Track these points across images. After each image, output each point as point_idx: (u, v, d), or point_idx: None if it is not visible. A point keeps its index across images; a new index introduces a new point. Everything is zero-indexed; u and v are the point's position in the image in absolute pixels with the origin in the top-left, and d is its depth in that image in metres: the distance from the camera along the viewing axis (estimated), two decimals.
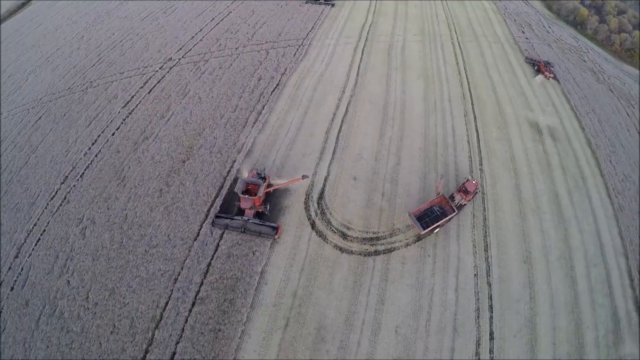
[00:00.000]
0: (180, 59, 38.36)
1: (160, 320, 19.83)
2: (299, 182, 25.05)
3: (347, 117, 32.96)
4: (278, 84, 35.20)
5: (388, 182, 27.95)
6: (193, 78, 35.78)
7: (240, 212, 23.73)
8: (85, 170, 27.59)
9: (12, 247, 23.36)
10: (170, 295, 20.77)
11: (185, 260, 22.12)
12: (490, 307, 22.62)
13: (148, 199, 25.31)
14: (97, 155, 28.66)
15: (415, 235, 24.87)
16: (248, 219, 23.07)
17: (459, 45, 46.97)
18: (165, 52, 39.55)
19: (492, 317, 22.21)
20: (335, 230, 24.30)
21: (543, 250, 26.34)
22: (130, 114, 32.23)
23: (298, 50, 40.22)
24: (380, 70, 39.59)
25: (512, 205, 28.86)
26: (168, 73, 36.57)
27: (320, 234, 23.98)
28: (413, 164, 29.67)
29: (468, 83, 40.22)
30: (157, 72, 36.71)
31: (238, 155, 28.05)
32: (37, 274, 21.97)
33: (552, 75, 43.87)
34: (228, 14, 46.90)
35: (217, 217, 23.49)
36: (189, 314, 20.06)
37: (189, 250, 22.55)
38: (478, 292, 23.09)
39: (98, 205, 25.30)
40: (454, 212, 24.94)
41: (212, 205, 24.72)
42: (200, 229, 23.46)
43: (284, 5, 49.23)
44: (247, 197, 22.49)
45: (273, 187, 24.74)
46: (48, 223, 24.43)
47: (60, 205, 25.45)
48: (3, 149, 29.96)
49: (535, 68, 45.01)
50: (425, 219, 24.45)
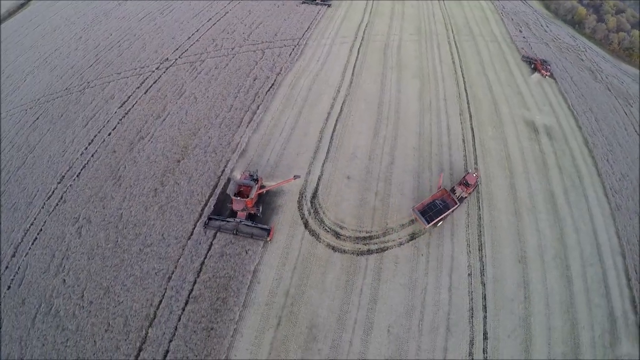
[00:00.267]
0: (177, 59, 38.54)
1: (154, 319, 19.99)
2: (292, 182, 25.15)
3: (341, 116, 33.01)
4: (273, 84, 35.32)
5: (382, 181, 27.94)
6: (189, 78, 35.94)
7: (233, 213, 23.70)
8: (82, 170, 27.82)
9: (9, 246, 23.60)
10: (164, 294, 20.93)
11: (179, 259, 22.28)
12: (484, 306, 22.46)
13: (143, 199, 25.50)
14: (93, 155, 28.88)
15: (409, 235, 24.89)
16: (240, 221, 23.06)
17: (456, 45, 46.86)
18: (162, 52, 39.75)
19: (485, 317, 22.06)
20: (328, 230, 24.35)
21: (538, 250, 26.14)
22: (127, 114, 32.44)
23: (294, 50, 40.31)
24: (376, 70, 39.59)
25: (507, 204, 28.70)
26: (164, 73, 36.76)
27: (313, 233, 24.05)
28: (407, 163, 29.65)
29: (464, 82, 40.13)
30: (153, 72, 36.90)
31: (232, 155, 28.19)
32: (33, 273, 22.19)
33: (548, 74, 43.75)
34: (225, 14, 47.06)
35: (209, 219, 23.54)
36: (182, 313, 20.20)
37: (183, 249, 22.70)
38: (472, 291, 22.96)
39: (94, 205, 25.50)
40: (456, 204, 25.16)
41: (206, 205, 24.87)
42: (194, 228, 23.62)
43: (281, 6, 49.35)
44: (239, 199, 22.52)
45: (265, 188, 24.78)
46: (45, 222, 24.65)
47: (57, 205, 25.67)
48: (1, 149, 30.21)
49: (532, 66, 44.89)
50: (429, 213, 24.62)
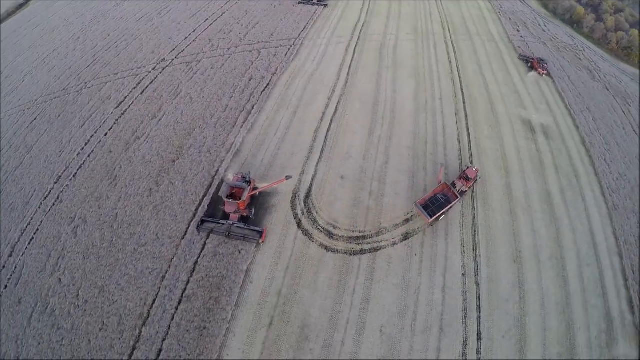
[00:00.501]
0: (174, 60, 38.68)
1: (148, 318, 20.14)
2: (284, 182, 25.17)
3: (336, 116, 33.01)
4: (268, 84, 35.36)
5: (376, 181, 27.94)
6: (185, 78, 36.08)
7: (226, 216, 23.68)
8: (78, 170, 28.02)
9: (6, 245, 23.83)
10: (158, 293, 21.07)
11: (173, 259, 22.41)
12: (478, 307, 22.37)
13: (138, 198, 25.66)
14: (89, 156, 29.08)
15: (402, 235, 24.89)
16: (233, 223, 23.05)
17: (452, 44, 46.68)
18: (159, 52, 39.90)
19: (480, 317, 21.96)
20: (321, 229, 24.38)
21: (534, 250, 26.00)
22: (123, 115, 32.62)
23: (290, 50, 40.34)
24: (372, 69, 39.52)
25: (502, 204, 28.59)
26: (161, 74, 36.91)
27: (306, 233, 24.10)
28: (402, 163, 29.62)
29: (460, 81, 40.00)
30: (150, 72, 37.06)
31: (227, 155, 28.28)
32: (29, 272, 22.40)
33: (545, 72, 43.60)
34: (222, 15, 47.15)
35: (202, 221, 23.53)
36: (176, 312, 20.34)
37: (177, 249, 22.84)
38: (466, 291, 22.86)
39: (90, 205, 25.69)
40: (457, 198, 25.48)
41: (200, 204, 25.00)
42: (188, 228, 23.74)
43: (277, 6, 49.36)
44: (231, 201, 22.52)
45: (258, 189, 24.78)
46: (41, 222, 24.86)
47: (54, 205, 25.88)
48: (0, 150, 30.44)
49: (529, 65, 44.76)
50: (431, 208, 24.95)
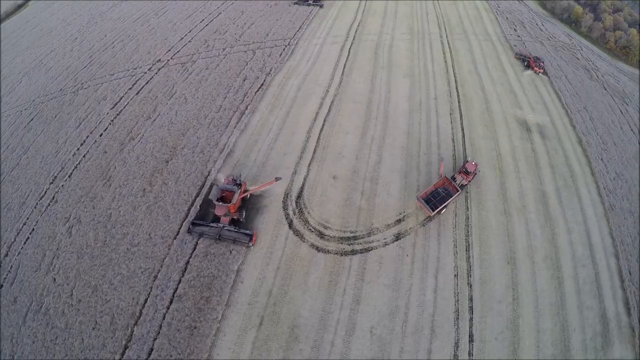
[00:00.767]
0: (169, 60, 38.83)
1: (140, 317, 20.31)
2: (274, 183, 25.20)
3: (329, 116, 32.98)
4: (262, 84, 35.40)
5: (368, 181, 27.93)
6: (180, 79, 36.23)
7: (216, 218, 23.65)
8: (74, 171, 28.24)
9: (2, 245, 24.09)
10: (150, 293, 21.23)
11: (165, 259, 22.56)
12: (471, 308, 22.23)
13: (132, 199, 25.86)
14: (85, 156, 29.28)
15: (394, 235, 24.91)
16: (223, 226, 23.02)
17: (448, 44, 46.49)
18: (155, 53, 40.06)
19: (472, 318, 21.83)
20: (313, 230, 24.42)
21: (528, 251, 25.81)
22: (118, 115, 32.82)
23: (284, 50, 40.36)
24: (366, 69, 39.46)
25: (496, 204, 28.45)
26: (156, 74, 37.07)
27: (297, 233, 24.14)
28: (394, 163, 29.58)
29: (455, 81, 39.85)
30: (145, 73, 37.23)
31: (219, 155, 28.36)
32: (25, 272, 22.64)
33: (541, 71, 43.42)
34: (218, 15, 47.23)
35: (193, 224, 23.53)
36: (167, 311, 20.48)
37: (169, 249, 23.00)
38: (458, 293, 22.74)
39: (84, 205, 25.92)
40: (458, 191, 25.80)
41: (192, 205, 25.15)
42: (180, 228, 23.87)
43: (274, 6, 49.41)
44: (221, 204, 22.48)
45: (248, 192, 24.74)
46: (37, 222, 25.09)
47: (49, 205, 26.11)
48: (0, 150, 30.64)
49: (525, 64, 44.60)
50: (433, 201, 25.26)
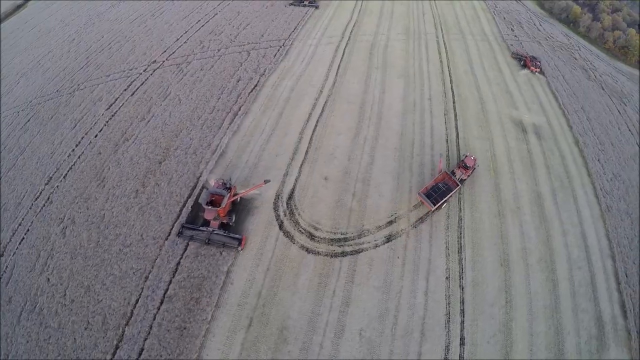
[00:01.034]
0: (164, 62, 38.96)
1: (131, 317, 20.48)
2: (263, 186, 25.18)
3: (322, 117, 32.96)
4: (256, 85, 35.45)
5: (360, 182, 27.89)
6: (175, 80, 36.35)
7: (206, 222, 23.63)
8: (69, 172, 28.46)
9: None
10: (141, 293, 21.40)
11: (156, 259, 22.71)
12: (462, 311, 22.03)
13: (124, 199, 26.04)
14: (79, 157, 29.51)
15: (385, 237, 24.81)
16: (213, 230, 23.04)
17: (444, 44, 46.28)
18: (151, 54, 40.20)
19: (463, 321, 21.63)
20: (303, 231, 24.44)
21: (522, 253, 25.56)
22: (113, 116, 33.01)
23: (279, 51, 40.35)
24: (361, 70, 39.38)
25: (490, 206, 28.23)
26: (151, 75, 37.21)
27: (288, 235, 24.18)
28: (387, 164, 29.50)
29: (450, 81, 39.67)
30: (141, 74, 37.39)
31: (212, 156, 28.46)
32: (20, 272, 22.89)
33: (538, 70, 43.14)
34: (214, 16, 47.29)
35: (183, 227, 23.56)
36: (157, 312, 20.64)
37: (160, 250, 23.15)
38: (449, 295, 22.54)
39: (78, 206, 26.13)
40: (458, 186, 26.31)
41: (184, 206, 25.28)
42: (172, 229, 24.00)
43: (269, 7, 49.38)
44: (210, 208, 22.53)
45: (238, 195, 24.70)
46: (32, 223, 25.34)
47: (44, 206, 26.35)
48: None
49: (522, 63, 44.34)
50: (434, 196, 25.69)
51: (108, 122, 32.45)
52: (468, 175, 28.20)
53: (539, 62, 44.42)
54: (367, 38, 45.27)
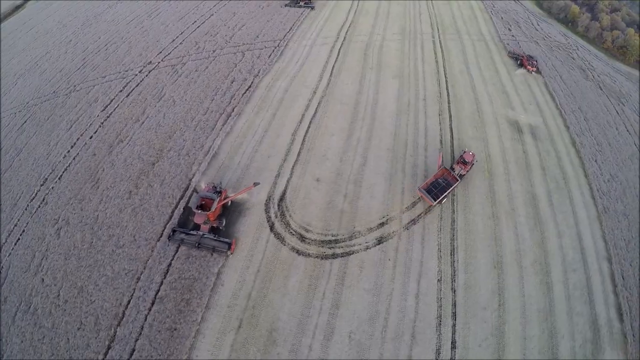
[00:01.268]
0: (160, 63, 39.09)
1: (122, 318, 20.65)
2: (253, 189, 25.19)
3: (315, 118, 32.90)
4: (250, 86, 35.46)
5: (351, 183, 27.85)
6: (169, 81, 36.47)
7: (197, 226, 23.70)
8: (64, 173, 28.70)
9: None
10: (133, 294, 21.55)
11: (148, 260, 22.86)
12: (454, 314, 21.86)
13: (118, 201, 26.23)
14: (74, 158, 29.72)
15: (376, 239, 24.78)
16: (203, 234, 23.09)
17: (440, 44, 45.99)
18: (146, 55, 40.35)
19: (455, 325, 21.46)
20: (294, 233, 24.47)
21: (516, 255, 25.31)
22: (108, 118, 33.21)
23: (273, 52, 40.33)
24: (355, 70, 39.25)
25: (484, 207, 27.99)
26: (147, 76, 37.37)
27: (279, 236, 24.22)
28: (379, 165, 29.43)
29: (446, 81, 39.45)
30: (136, 75, 37.55)
31: (204, 158, 28.54)
32: (15, 272, 23.13)
33: (534, 69, 42.86)
34: (210, 17, 47.34)
35: (174, 231, 23.64)
36: (149, 313, 20.78)
37: (152, 251, 23.29)
38: (441, 298, 22.40)
39: (73, 207, 26.34)
40: (457, 181, 26.83)
41: (176, 207, 25.42)
42: (164, 230, 24.14)
43: (265, 7, 49.34)
44: (200, 212, 22.56)
45: (228, 199, 24.71)
46: (27, 224, 25.57)
47: (39, 207, 26.57)
48: None
49: (518, 62, 44.07)
50: (434, 191, 26.19)
51: (103, 123, 32.66)
52: (467, 171, 28.51)
53: (536, 61, 44.13)
54: (362, 38, 45.10)
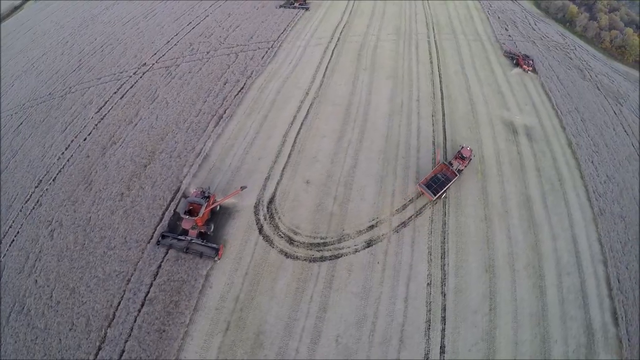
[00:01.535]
0: (154, 64, 39.21)
1: (113, 319, 20.88)
2: (240, 192, 25.20)
3: (307, 119, 32.82)
4: (242, 88, 35.45)
5: (342, 185, 27.79)
6: (163, 83, 36.58)
7: (185, 231, 23.77)
8: (58, 175, 28.97)
9: None
10: (123, 296, 21.77)
11: (138, 262, 23.05)
12: (443, 318, 21.64)
13: (110, 203, 26.45)
14: (69, 160, 29.99)
15: (365, 242, 24.72)
16: (191, 239, 23.18)
17: (435, 44, 45.60)
18: (141, 57, 40.49)
19: (444, 329, 21.24)
20: (282, 235, 24.50)
21: (508, 258, 25.01)
22: (102, 119, 33.43)
23: (267, 53, 40.26)
24: (349, 71, 39.07)
25: (476, 210, 27.71)
26: (141, 78, 37.52)
27: (267, 239, 24.28)
28: (370, 167, 29.32)
29: (440, 82, 39.15)
30: (131, 77, 37.71)
31: (195, 160, 28.64)
32: (9, 274, 23.44)
33: (530, 69, 42.46)
34: (205, 18, 47.34)
35: (162, 236, 23.76)
36: (138, 314, 20.99)
37: (142, 253, 23.49)
38: (430, 302, 22.21)
39: (66, 208, 26.61)
40: (456, 176, 27.56)
41: (166, 209, 25.60)
42: (154, 232, 24.33)
43: (260, 8, 49.22)
44: (188, 217, 22.65)
45: (216, 203, 24.72)
46: (22, 225, 25.88)
47: (33, 209, 26.87)
48: None
49: (514, 62, 43.67)
50: (434, 186, 26.66)
51: (97, 125, 32.88)
52: (465, 166, 28.99)
53: (532, 60, 43.71)
54: (356, 39, 44.85)
